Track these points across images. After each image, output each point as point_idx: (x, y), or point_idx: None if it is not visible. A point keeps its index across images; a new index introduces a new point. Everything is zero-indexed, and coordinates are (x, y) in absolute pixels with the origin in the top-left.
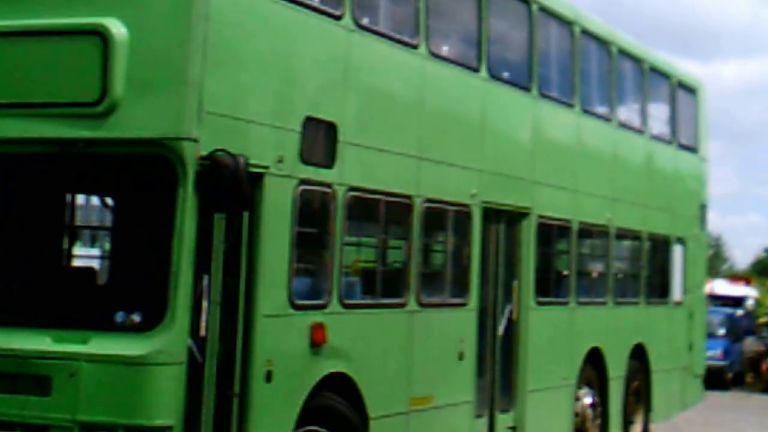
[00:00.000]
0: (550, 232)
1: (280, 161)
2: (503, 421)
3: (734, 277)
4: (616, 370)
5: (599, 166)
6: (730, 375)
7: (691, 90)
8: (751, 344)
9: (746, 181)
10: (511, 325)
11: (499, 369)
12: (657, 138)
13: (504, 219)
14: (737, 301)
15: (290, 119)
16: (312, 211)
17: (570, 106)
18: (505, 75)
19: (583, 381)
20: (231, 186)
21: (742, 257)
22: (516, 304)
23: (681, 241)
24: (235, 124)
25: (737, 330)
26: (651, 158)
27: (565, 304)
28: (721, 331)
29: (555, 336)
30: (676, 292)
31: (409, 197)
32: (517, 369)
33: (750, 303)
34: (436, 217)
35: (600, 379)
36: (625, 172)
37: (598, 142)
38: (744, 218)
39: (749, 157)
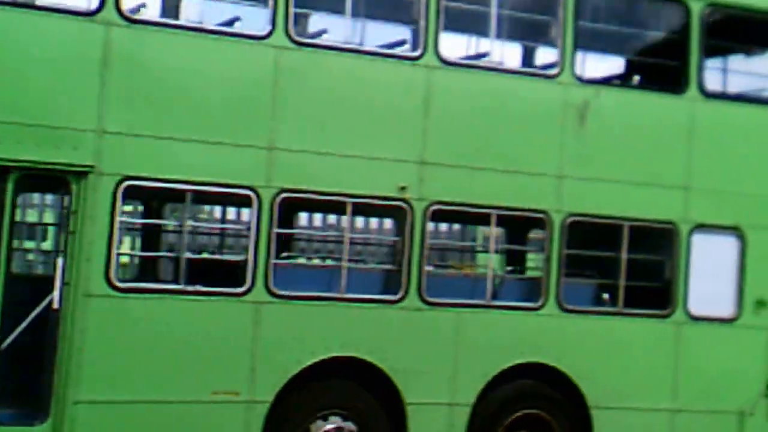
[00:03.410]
0: (171, 198)
1: None
2: None
3: None
4: (439, 394)
5: (365, 117)
6: None
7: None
8: None
9: None
10: (51, 315)
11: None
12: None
13: (14, 179)
14: None
15: None
16: None
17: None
18: None
19: (322, 402)
20: None
21: None
22: (60, 288)
23: (732, 231)
24: None
25: None
26: (566, 108)
27: (235, 295)
28: None
29: (189, 335)
30: (702, 302)
31: None
32: (56, 371)
33: None
34: None
35: (394, 404)
36: (469, 130)
37: (357, 81)
38: None
39: None
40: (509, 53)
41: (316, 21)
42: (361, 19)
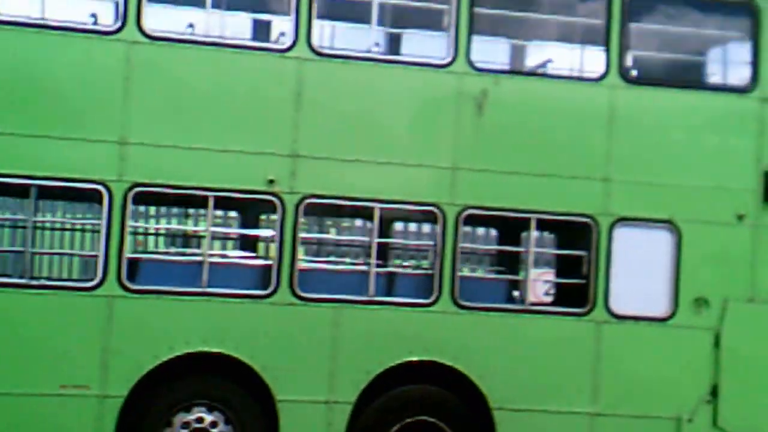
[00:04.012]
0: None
1: None
2: None
3: None
4: (315, 392)
5: (229, 111)
6: None
7: None
8: None
9: None
10: None
11: None
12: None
13: None
14: None
15: None
16: None
17: None
18: None
19: (184, 395)
20: None
21: None
22: None
23: (664, 225)
24: None
25: None
26: (461, 98)
27: (85, 289)
28: None
29: (34, 329)
30: (628, 300)
31: None
32: None
33: None
34: None
35: (266, 399)
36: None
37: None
38: None
39: None
40: (395, 43)
41: (175, 14)
42: (225, 11)
